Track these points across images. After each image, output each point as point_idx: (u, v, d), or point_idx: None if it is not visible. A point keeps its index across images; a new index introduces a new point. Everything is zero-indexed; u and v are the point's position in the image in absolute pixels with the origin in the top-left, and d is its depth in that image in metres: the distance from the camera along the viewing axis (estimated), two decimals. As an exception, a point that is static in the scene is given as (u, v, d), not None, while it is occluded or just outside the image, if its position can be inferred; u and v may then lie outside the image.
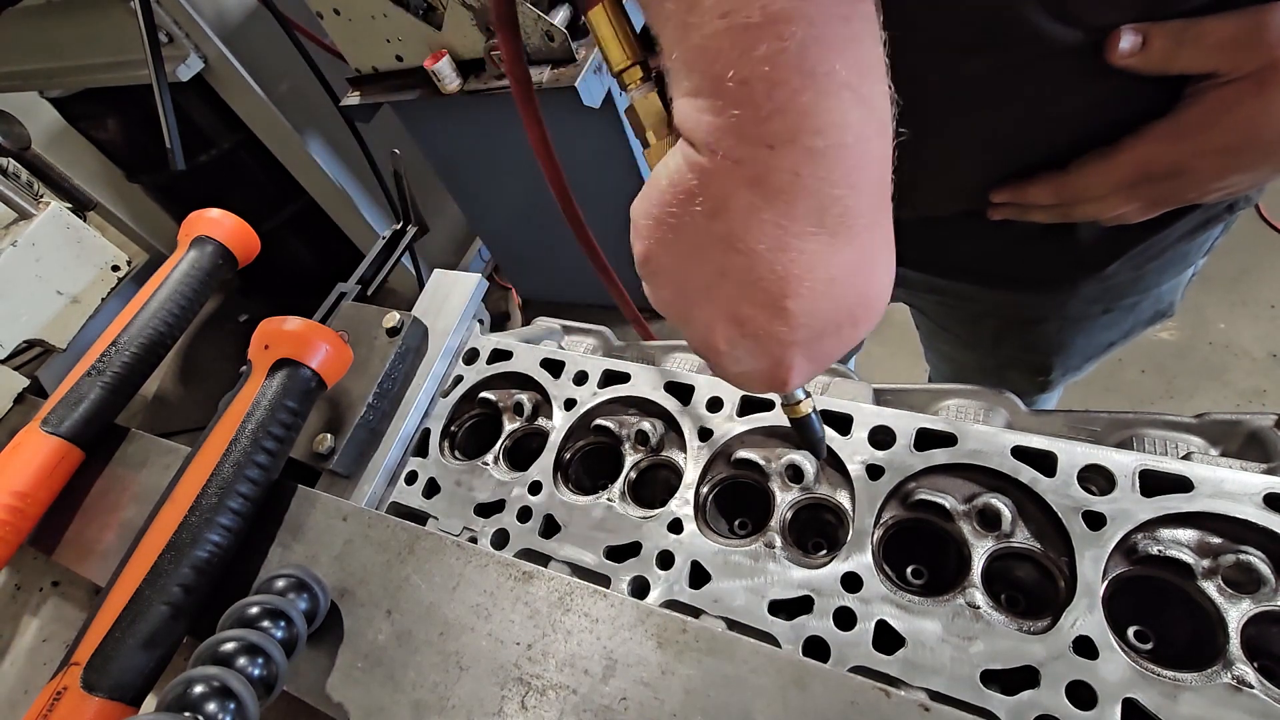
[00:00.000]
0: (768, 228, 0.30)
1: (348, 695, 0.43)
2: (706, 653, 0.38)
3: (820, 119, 0.28)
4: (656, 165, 0.34)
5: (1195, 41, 0.41)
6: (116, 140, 2.25)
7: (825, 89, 0.27)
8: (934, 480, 0.45)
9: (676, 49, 0.29)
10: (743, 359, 0.36)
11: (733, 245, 0.31)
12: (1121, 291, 0.68)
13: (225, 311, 3.17)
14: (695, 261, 0.33)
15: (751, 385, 0.38)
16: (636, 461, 0.53)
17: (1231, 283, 1.90)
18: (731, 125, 0.28)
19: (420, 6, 1.54)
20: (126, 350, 0.62)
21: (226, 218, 0.71)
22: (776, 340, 0.34)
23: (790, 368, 0.35)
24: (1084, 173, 0.49)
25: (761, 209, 0.30)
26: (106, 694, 0.42)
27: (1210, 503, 0.38)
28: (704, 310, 0.35)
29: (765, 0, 0.25)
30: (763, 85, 0.27)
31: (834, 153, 0.28)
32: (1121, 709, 0.34)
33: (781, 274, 0.31)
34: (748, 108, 0.27)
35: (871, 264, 0.33)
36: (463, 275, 0.69)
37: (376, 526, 0.49)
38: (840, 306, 0.33)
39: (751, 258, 0.31)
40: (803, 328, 0.33)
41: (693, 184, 0.31)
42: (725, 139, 0.29)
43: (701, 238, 0.32)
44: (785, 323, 0.33)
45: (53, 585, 0.63)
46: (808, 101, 0.27)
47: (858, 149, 0.29)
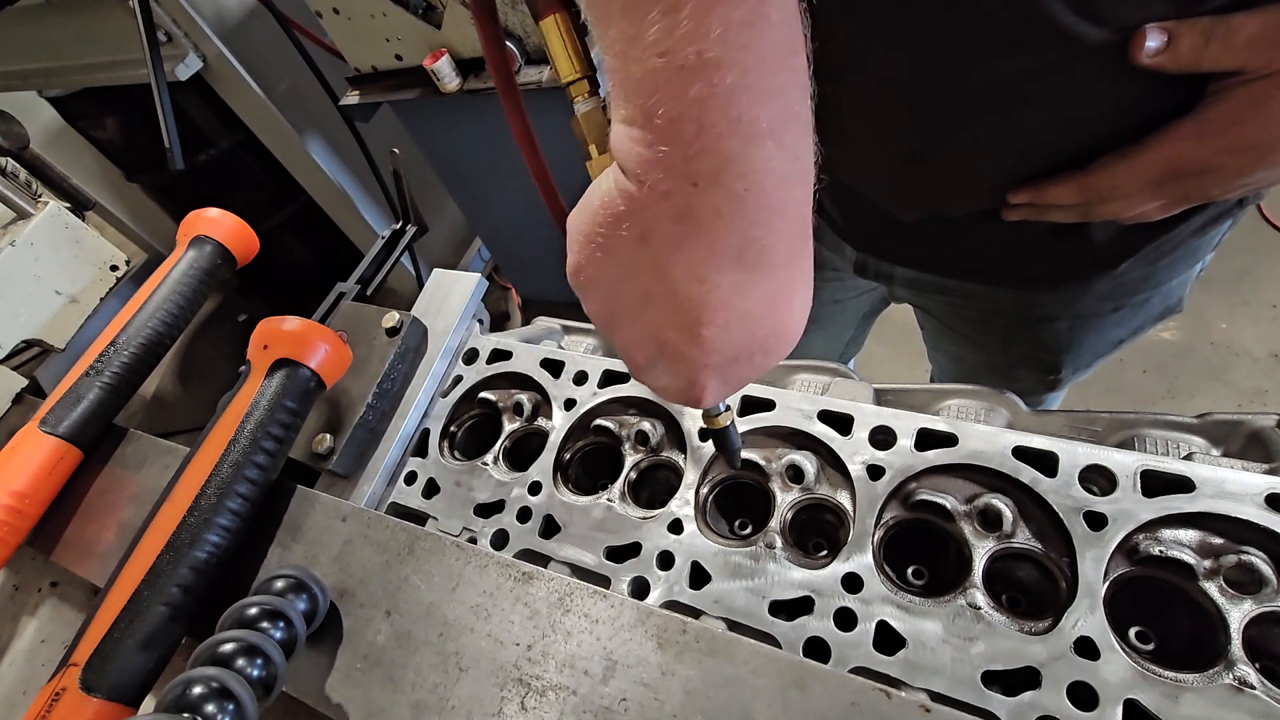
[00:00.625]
0: (689, 259, 0.32)
1: (347, 696, 0.43)
2: (707, 653, 0.38)
3: (743, 164, 0.29)
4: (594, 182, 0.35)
5: (1224, 39, 0.40)
6: (115, 140, 2.25)
7: (750, 136, 0.28)
8: (935, 480, 0.45)
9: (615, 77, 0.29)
10: (661, 376, 0.38)
11: (656, 272, 0.33)
12: (1132, 288, 0.68)
13: (224, 311, 3.17)
14: (622, 282, 0.35)
15: (669, 398, 0.40)
16: (636, 461, 0.53)
17: (1233, 283, 1.90)
18: (660, 159, 0.29)
19: (420, 6, 1.54)
20: (125, 350, 0.62)
21: (225, 217, 0.71)
22: (692, 363, 0.36)
23: (704, 388, 0.37)
24: (1109, 172, 0.49)
25: (684, 242, 0.31)
26: (105, 695, 0.42)
27: (1212, 503, 0.38)
28: (628, 327, 0.37)
29: (701, 46, 0.26)
30: (692, 126, 0.28)
31: (754, 196, 0.30)
32: (1123, 710, 0.34)
33: (699, 304, 0.33)
34: (676, 145, 0.28)
35: (787, 299, 0.35)
36: (462, 275, 0.69)
37: (376, 527, 0.49)
38: (754, 337, 0.35)
39: (673, 285, 0.33)
40: (716, 354, 0.35)
41: (621, 209, 0.32)
42: (653, 171, 0.30)
43: (628, 260, 0.33)
44: (700, 348, 0.34)
45: (51, 586, 0.63)
46: (733, 146, 0.28)
47: (777, 194, 0.30)
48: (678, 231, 0.31)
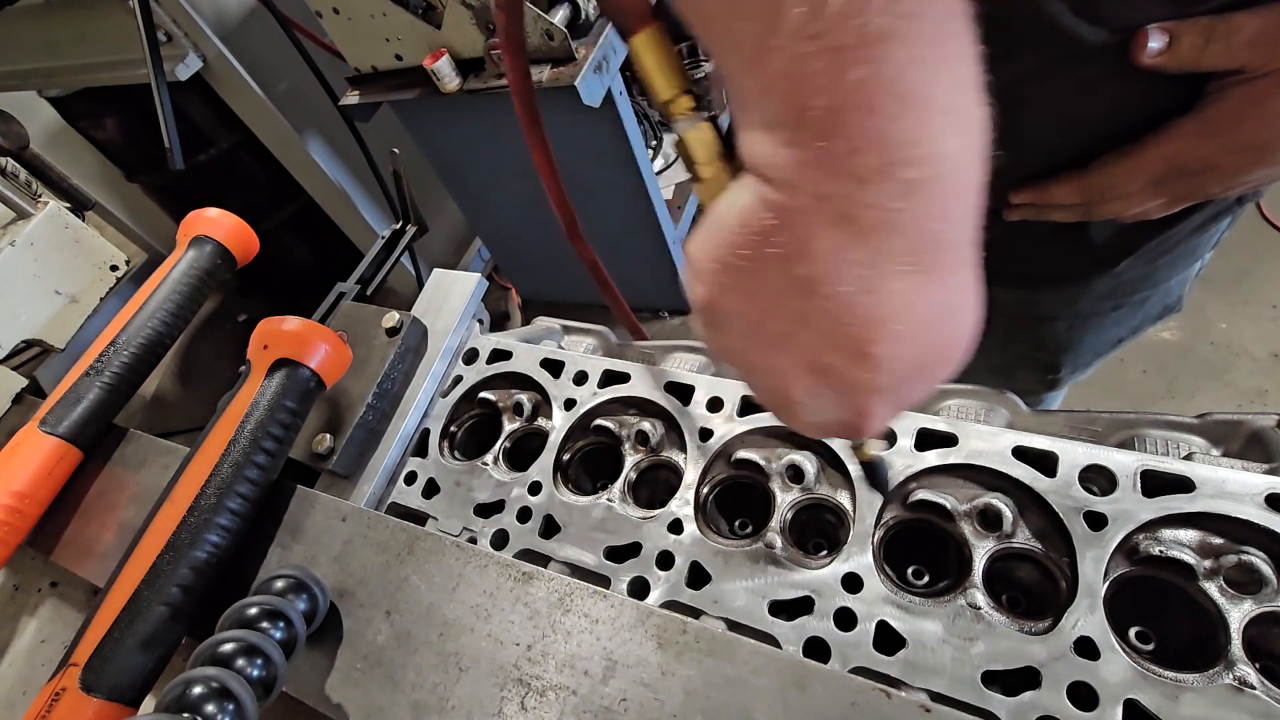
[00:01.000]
0: (855, 269, 0.28)
1: (347, 696, 0.43)
2: (707, 654, 0.38)
3: (917, 149, 0.25)
4: (718, 202, 0.31)
5: (1224, 38, 0.40)
6: (115, 140, 2.25)
7: (924, 115, 0.25)
8: (934, 480, 0.45)
9: (749, 76, 0.26)
10: (821, 409, 0.33)
11: (815, 290, 0.29)
12: (1132, 287, 0.68)
13: (224, 311, 3.17)
14: (770, 308, 0.31)
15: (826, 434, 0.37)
16: (636, 462, 0.53)
17: (1233, 283, 1.90)
18: (817, 158, 0.26)
19: (420, 5, 1.54)
20: (125, 350, 0.62)
21: (225, 217, 0.71)
22: (859, 389, 0.31)
23: (871, 416, 0.33)
24: (1110, 171, 0.49)
25: (849, 249, 0.27)
26: (105, 695, 0.42)
27: (1212, 503, 0.38)
28: (778, 360, 0.32)
29: (861, 20, 0.23)
30: (854, 113, 0.25)
31: (930, 185, 0.26)
32: (1123, 710, 0.34)
33: (868, 318, 0.29)
34: (836, 139, 0.25)
35: (964, 300, 0.31)
36: (462, 275, 0.69)
37: (376, 527, 0.49)
38: (930, 349, 0.31)
39: (836, 302, 0.28)
40: (889, 374, 0.30)
41: (769, 224, 0.28)
42: (809, 174, 0.26)
43: (779, 283, 0.29)
44: (870, 370, 0.30)
45: (51, 586, 0.63)
46: (904, 130, 0.25)
47: (955, 179, 0.27)
48: (841, 239, 0.27)
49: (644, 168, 1.83)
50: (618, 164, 1.80)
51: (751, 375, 0.35)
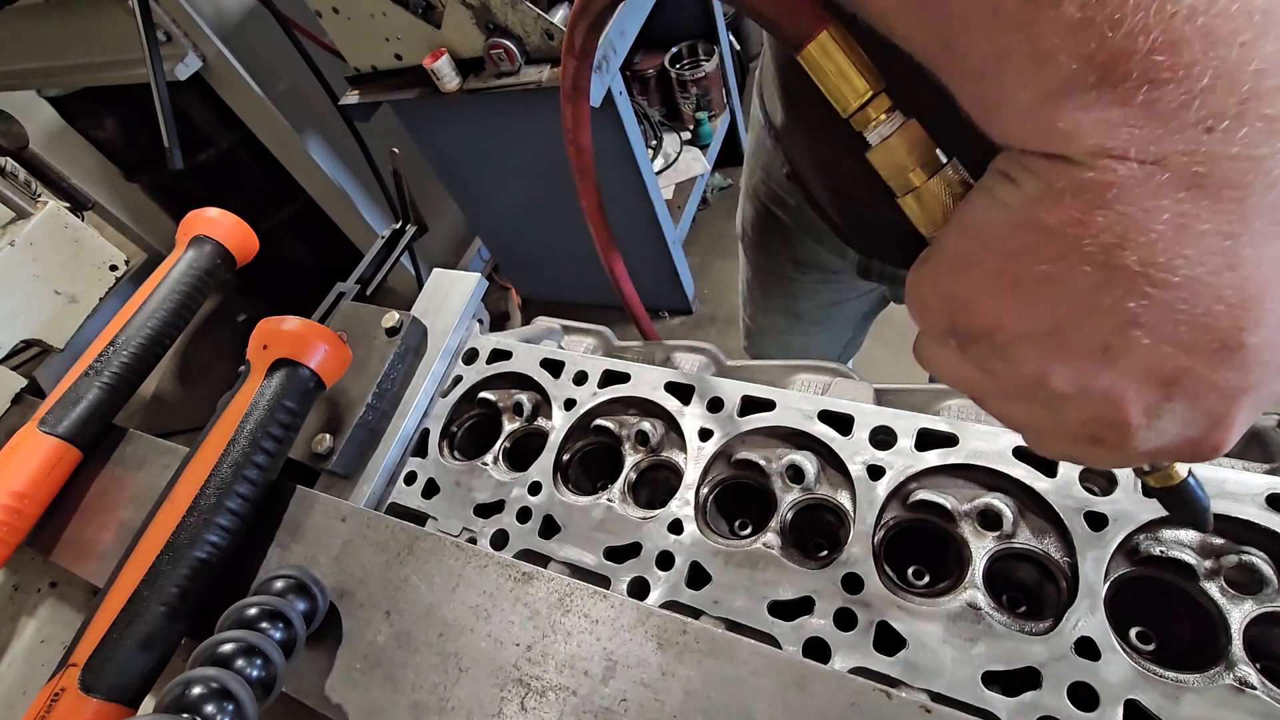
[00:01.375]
0: (1209, 241, 0.22)
1: (347, 696, 0.43)
2: (707, 654, 0.38)
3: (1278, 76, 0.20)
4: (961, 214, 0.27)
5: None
6: (114, 139, 2.25)
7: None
8: (935, 480, 0.45)
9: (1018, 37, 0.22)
10: (1165, 429, 0.26)
11: (1155, 279, 0.23)
12: None
13: (224, 311, 3.17)
14: (1082, 320, 0.25)
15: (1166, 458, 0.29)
16: (636, 462, 0.53)
17: (1231, 282, 1.90)
18: (1144, 113, 0.21)
19: (419, 5, 1.54)
20: (124, 350, 0.62)
21: (225, 217, 0.71)
22: (1223, 392, 0.25)
23: (1233, 426, 0.26)
24: None
25: (1199, 218, 0.22)
26: (104, 695, 0.42)
27: (1212, 503, 0.38)
28: (1102, 380, 0.26)
29: None
30: (1191, 45, 0.20)
31: None
32: (1123, 710, 0.34)
33: (1233, 301, 0.23)
34: (1170, 83, 0.21)
35: None
36: (462, 275, 0.69)
37: (375, 527, 0.49)
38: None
39: (1189, 289, 0.23)
40: (1262, 366, 0.24)
41: (1075, 215, 0.23)
42: (1134, 135, 0.22)
43: (1094, 284, 0.24)
44: (1239, 366, 0.24)
45: (50, 586, 0.63)
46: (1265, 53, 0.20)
47: None
48: (1187, 206, 0.22)
49: (644, 168, 1.83)
50: (618, 164, 1.80)
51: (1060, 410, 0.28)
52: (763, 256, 1.00)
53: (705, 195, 2.65)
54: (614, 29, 1.55)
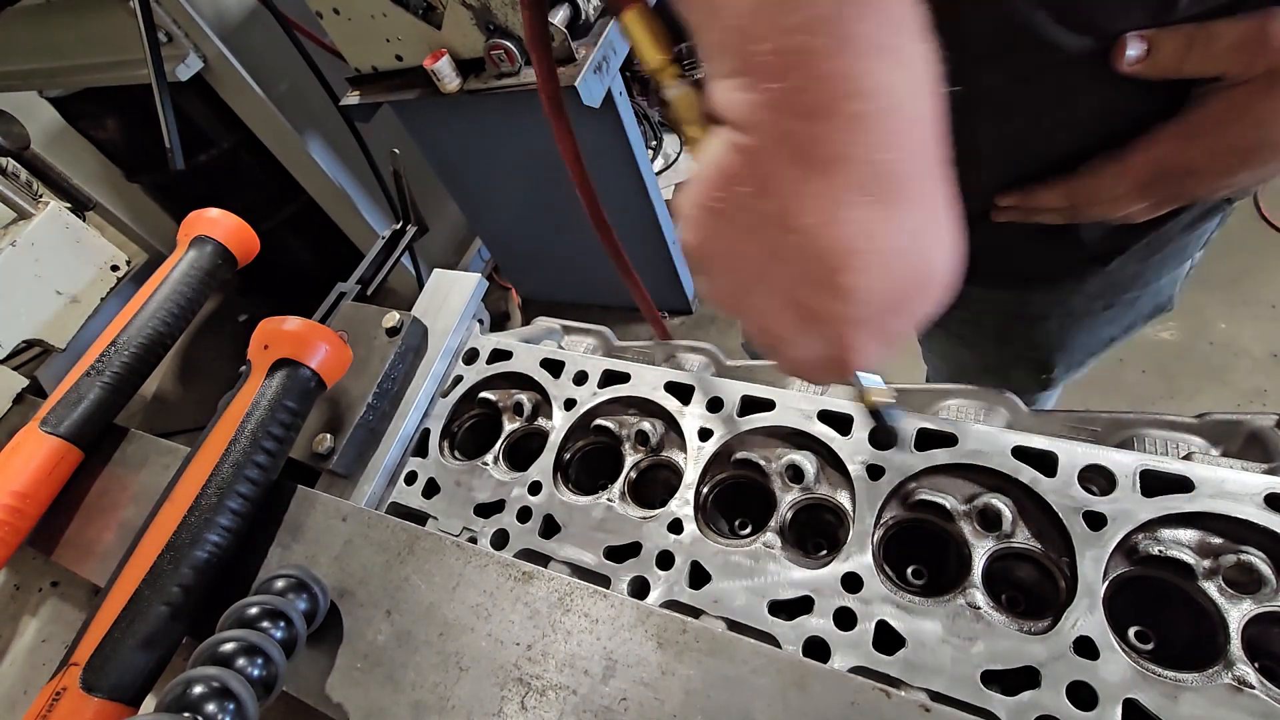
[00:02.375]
0: (816, 201, 0.29)
1: (347, 696, 0.43)
2: (707, 653, 0.38)
3: (858, 83, 0.27)
4: (699, 155, 0.34)
5: (1204, 46, 0.41)
6: (116, 140, 2.25)
7: (861, 52, 0.27)
8: (934, 480, 0.45)
9: (709, 32, 0.29)
10: (805, 344, 0.35)
11: (783, 224, 0.30)
12: (1123, 286, 0.68)
13: (224, 311, 3.17)
14: (747, 247, 0.32)
15: (817, 374, 0.37)
16: (636, 461, 0.53)
17: (1232, 283, 1.90)
18: (769, 100, 0.28)
19: (420, 6, 1.54)
20: (126, 350, 0.62)
21: (226, 217, 0.71)
22: (836, 320, 0.33)
23: (852, 349, 0.34)
24: (1096, 175, 0.49)
25: (808, 182, 0.29)
26: (106, 694, 0.42)
27: (1211, 503, 0.38)
28: (760, 298, 0.34)
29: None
30: (797, 55, 0.27)
31: (875, 117, 0.28)
32: (1122, 709, 0.34)
33: (833, 248, 0.30)
34: (784, 80, 0.28)
35: (931, 229, 0.32)
36: (462, 275, 0.69)
37: (376, 527, 0.49)
38: (902, 278, 0.32)
39: (803, 234, 0.30)
40: (862, 303, 0.32)
41: (737, 166, 0.30)
42: (765, 115, 0.29)
43: (751, 221, 0.31)
44: (843, 300, 0.31)
45: (52, 585, 0.63)
46: (844, 67, 0.27)
47: (900, 111, 0.29)
48: (800, 174, 0.29)
49: (644, 168, 1.83)
50: (618, 164, 1.81)
51: (740, 316, 0.36)
52: None
53: (705, 195, 2.64)
54: (614, 29, 1.55)
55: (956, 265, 0.34)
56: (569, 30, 1.47)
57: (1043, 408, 0.54)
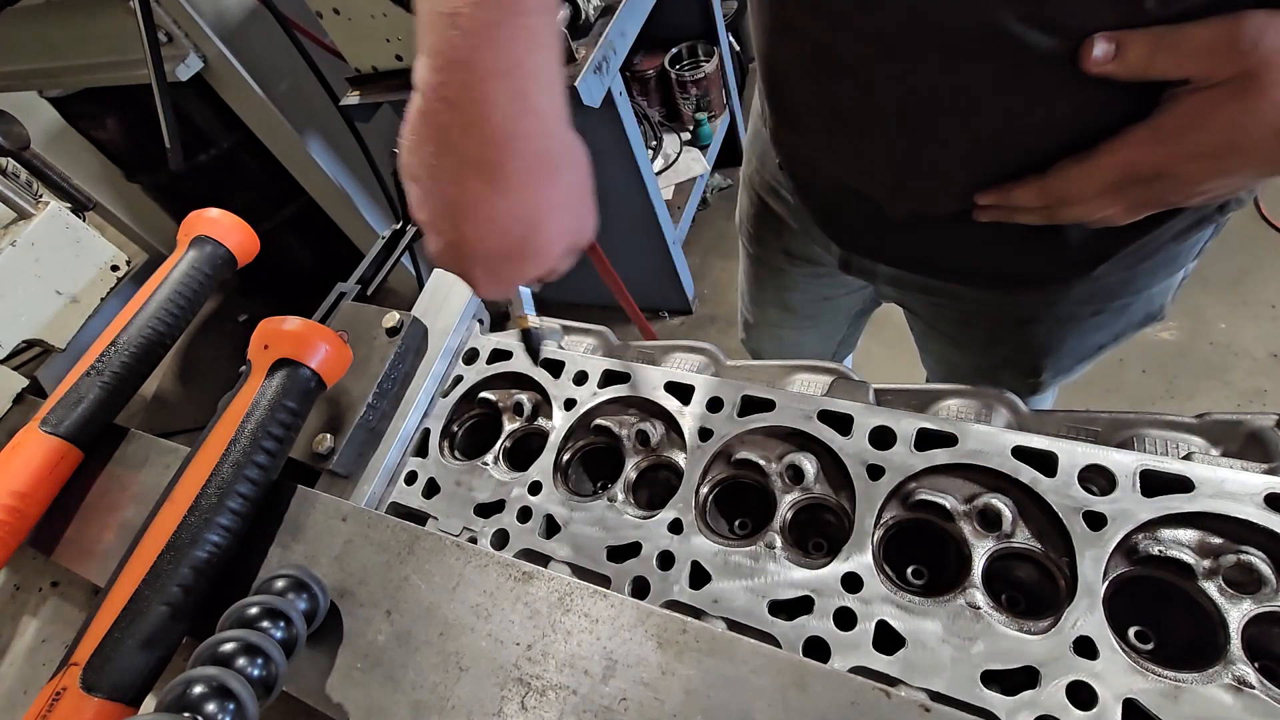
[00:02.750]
0: (448, 165, 0.40)
1: (347, 695, 0.43)
2: (707, 653, 0.38)
3: (476, 93, 0.38)
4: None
5: (1171, 48, 0.40)
6: (116, 140, 2.25)
7: (481, 74, 0.37)
8: (934, 480, 0.45)
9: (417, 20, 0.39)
10: (447, 261, 0.45)
11: (432, 171, 0.41)
12: (1112, 293, 0.68)
13: (225, 311, 3.17)
14: (418, 178, 0.42)
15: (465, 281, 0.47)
16: (636, 462, 0.53)
17: (1232, 283, 1.90)
18: (429, 82, 0.38)
19: (420, 6, 1.54)
20: (126, 350, 0.62)
21: (226, 217, 0.71)
22: (460, 253, 0.44)
23: (475, 277, 0.45)
24: (1066, 175, 0.49)
25: (443, 151, 0.40)
26: (106, 694, 0.42)
27: (1211, 503, 0.38)
28: (423, 218, 0.44)
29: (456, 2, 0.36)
30: (443, 58, 0.38)
31: (485, 123, 0.38)
32: (1122, 709, 0.34)
33: (456, 203, 0.41)
34: (439, 72, 0.38)
35: (531, 216, 0.42)
36: (462, 275, 0.69)
37: (376, 527, 0.49)
38: (504, 242, 0.42)
39: (441, 185, 0.41)
40: (476, 250, 0.43)
41: (413, 118, 0.40)
42: (426, 91, 0.39)
43: (421, 160, 0.41)
44: (464, 243, 0.42)
45: (52, 585, 0.63)
46: (469, 79, 0.38)
47: (506, 125, 0.39)
48: (439, 142, 0.40)
49: (644, 168, 1.83)
50: (617, 164, 1.80)
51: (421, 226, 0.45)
52: (757, 248, 1.01)
53: (705, 196, 2.64)
54: (614, 29, 1.55)
55: (556, 247, 0.45)
56: (569, 30, 1.47)
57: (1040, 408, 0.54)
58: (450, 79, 0.38)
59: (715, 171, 2.68)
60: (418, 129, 0.41)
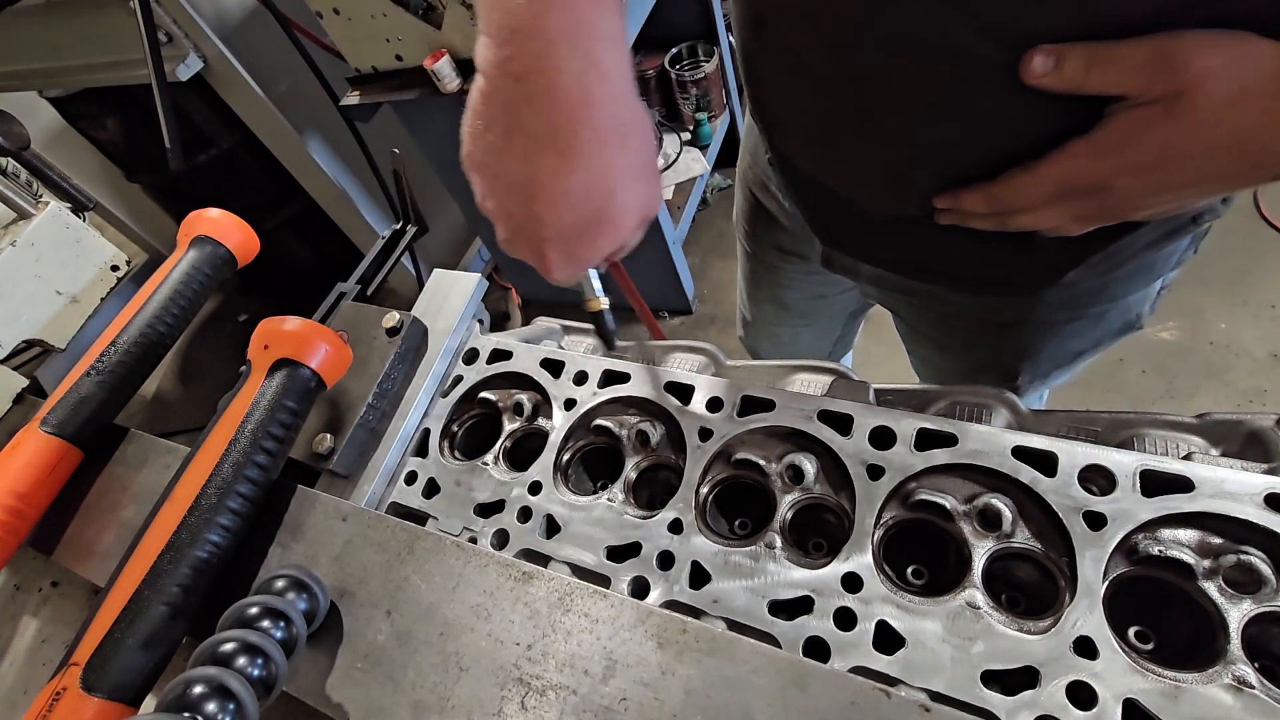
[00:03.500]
0: (518, 144, 0.39)
1: (347, 695, 0.43)
2: (707, 653, 0.38)
3: (546, 62, 0.37)
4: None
5: (1105, 64, 0.40)
6: (116, 140, 2.25)
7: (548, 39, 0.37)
8: (934, 480, 0.45)
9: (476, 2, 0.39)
10: (518, 247, 0.44)
11: (500, 154, 0.40)
12: (1087, 300, 0.67)
13: (225, 311, 3.17)
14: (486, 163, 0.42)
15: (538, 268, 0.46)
16: (636, 462, 0.53)
17: (1232, 283, 1.90)
18: (494, 58, 0.38)
19: (420, 6, 1.54)
20: (125, 350, 0.62)
21: (226, 217, 0.71)
22: (534, 235, 0.43)
23: (549, 259, 0.44)
24: (1011, 184, 0.49)
25: (513, 129, 0.39)
26: (106, 694, 0.42)
27: (1211, 503, 0.38)
28: (491, 204, 0.43)
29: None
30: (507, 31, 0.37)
31: (557, 91, 0.38)
32: (1122, 709, 0.34)
33: (529, 182, 0.40)
34: (504, 47, 0.37)
35: (605, 186, 0.41)
36: (463, 275, 0.69)
37: (376, 527, 0.49)
38: (580, 217, 0.41)
39: (511, 166, 0.40)
40: (551, 227, 0.41)
41: (478, 103, 0.40)
42: (491, 70, 0.39)
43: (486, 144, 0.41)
44: (538, 223, 0.41)
45: (52, 585, 0.63)
46: (537, 48, 0.37)
47: (577, 92, 0.38)
48: (508, 119, 0.39)
49: (644, 168, 1.83)
50: (618, 164, 1.80)
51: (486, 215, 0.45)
52: (752, 244, 1.01)
53: (705, 196, 2.64)
54: (614, 29, 1.54)
55: (631, 218, 0.44)
56: (569, 30, 1.47)
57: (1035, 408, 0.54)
58: (517, 51, 0.37)
59: (715, 171, 2.68)
60: (483, 113, 0.40)
